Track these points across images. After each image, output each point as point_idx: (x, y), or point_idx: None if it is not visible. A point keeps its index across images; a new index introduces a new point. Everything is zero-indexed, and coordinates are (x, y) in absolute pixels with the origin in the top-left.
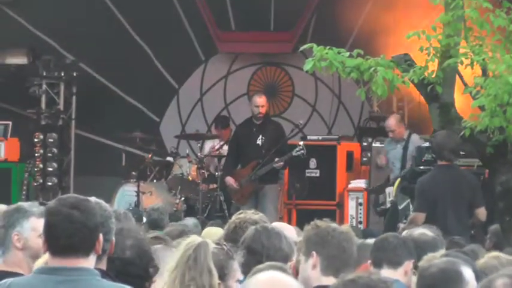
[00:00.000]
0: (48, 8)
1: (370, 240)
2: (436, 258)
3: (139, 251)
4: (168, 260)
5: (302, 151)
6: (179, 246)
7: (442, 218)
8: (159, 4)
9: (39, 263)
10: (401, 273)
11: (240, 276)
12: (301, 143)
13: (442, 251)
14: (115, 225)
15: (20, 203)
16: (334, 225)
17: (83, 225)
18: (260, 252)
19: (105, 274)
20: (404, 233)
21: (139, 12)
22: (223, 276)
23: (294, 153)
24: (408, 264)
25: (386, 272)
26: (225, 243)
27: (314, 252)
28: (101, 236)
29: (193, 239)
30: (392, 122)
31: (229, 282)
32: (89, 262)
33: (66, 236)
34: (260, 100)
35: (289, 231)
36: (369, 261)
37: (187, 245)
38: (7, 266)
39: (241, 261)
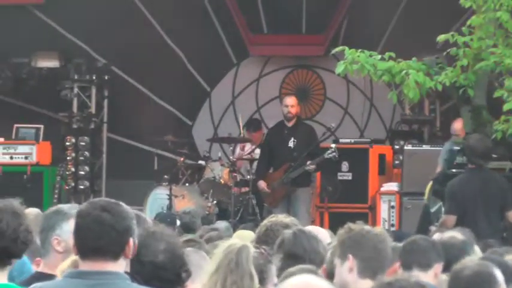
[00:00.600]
0: (80, 10)
1: (402, 243)
2: (471, 261)
3: (172, 256)
4: (201, 263)
5: (334, 153)
6: (217, 249)
7: (473, 220)
8: (191, 7)
9: (64, 265)
10: (431, 276)
11: (276, 281)
12: (333, 145)
13: (474, 255)
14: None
15: (59, 206)
16: (368, 227)
17: (111, 228)
18: (302, 256)
19: (132, 277)
20: (434, 236)
21: (171, 15)
22: (262, 280)
23: (326, 155)
24: (438, 267)
25: (416, 275)
26: (264, 247)
27: (350, 255)
28: (131, 239)
29: (234, 242)
30: (458, 125)
31: (268, 286)
32: (119, 266)
33: (95, 238)
34: (290, 100)
35: (322, 234)
36: (398, 264)
37: (228, 248)
38: (48, 268)
39: (278, 265)
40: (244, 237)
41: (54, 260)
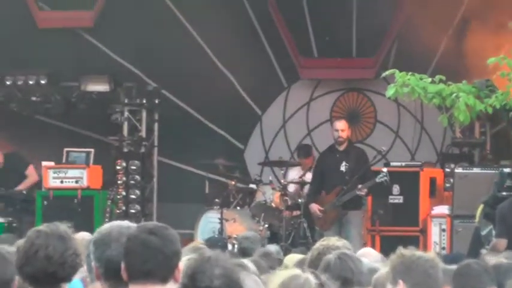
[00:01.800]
0: (130, 34)
1: (452, 266)
2: None
3: (228, 281)
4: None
5: (385, 178)
6: (276, 278)
7: None
8: (242, 31)
9: None
10: None
11: None
12: (384, 169)
13: None
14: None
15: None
16: (419, 252)
17: (159, 251)
18: (351, 279)
19: None
20: (485, 259)
21: (222, 38)
22: None
23: (377, 179)
24: None
25: None
26: (323, 277)
27: (400, 281)
28: (180, 263)
29: (296, 273)
30: None
31: None
32: None
33: (143, 262)
34: (339, 124)
35: (373, 256)
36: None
37: (289, 278)
38: None
39: None
40: (295, 261)
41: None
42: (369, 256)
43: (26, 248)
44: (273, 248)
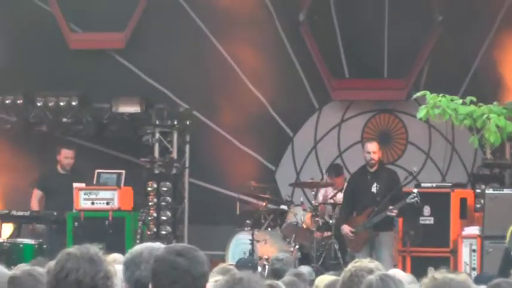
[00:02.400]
0: (161, 55)
1: (482, 287)
2: None
3: None
4: None
5: (416, 198)
6: None
7: None
8: (273, 52)
9: None
10: None
11: None
12: (415, 190)
13: None
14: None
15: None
16: (451, 275)
17: (187, 273)
18: None
19: None
20: None
21: (254, 60)
22: None
23: (408, 200)
24: None
25: None
26: None
27: None
28: (208, 285)
29: None
30: None
31: None
32: None
33: (170, 283)
34: (371, 146)
35: (402, 278)
36: None
37: None
38: None
39: None
40: (326, 283)
41: None
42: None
43: (56, 271)
44: (305, 269)
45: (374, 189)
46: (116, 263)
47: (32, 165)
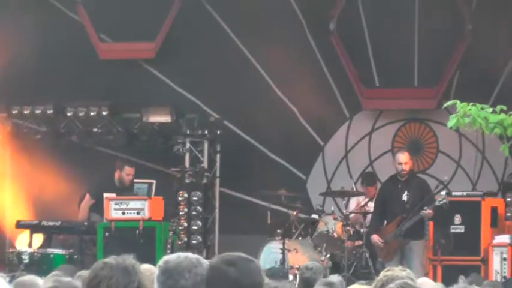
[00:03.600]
0: (191, 65)
1: None
2: None
3: None
4: None
5: (445, 200)
6: None
7: None
8: (304, 61)
9: None
10: None
11: None
12: (443, 193)
13: None
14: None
15: None
16: None
17: (236, 283)
18: None
19: None
20: None
21: (284, 68)
22: None
23: (437, 203)
24: None
25: None
26: None
27: None
28: None
29: None
30: None
31: None
32: None
33: None
34: (403, 157)
35: (430, 286)
36: None
37: None
38: None
39: None
40: None
41: None
42: (426, 286)
43: (89, 278)
44: (335, 278)
45: (405, 197)
46: (150, 273)
47: (61, 176)
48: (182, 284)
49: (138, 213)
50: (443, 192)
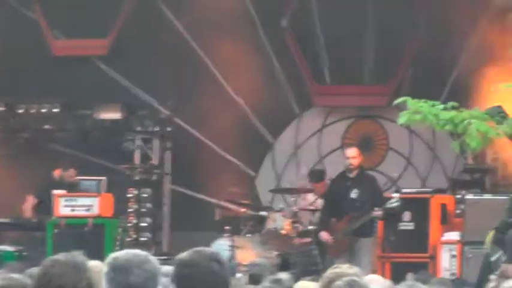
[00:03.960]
0: (143, 62)
1: None
2: None
3: None
4: None
5: (397, 203)
6: None
7: None
8: (255, 58)
9: None
10: None
11: None
12: (396, 194)
13: None
14: None
15: None
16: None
17: (222, 278)
18: None
19: None
20: (490, 285)
21: (234, 65)
22: None
23: (388, 205)
24: None
25: None
26: None
27: None
28: None
29: None
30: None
31: None
32: None
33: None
34: (350, 151)
35: (379, 283)
36: None
37: None
38: None
39: None
40: None
41: None
42: (375, 283)
43: (40, 276)
44: (284, 275)
45: (354, 195)
46: (99, 270)
47: (12, 173)
48: (131, 281)
49: (87, 210)
50: (396, 194)
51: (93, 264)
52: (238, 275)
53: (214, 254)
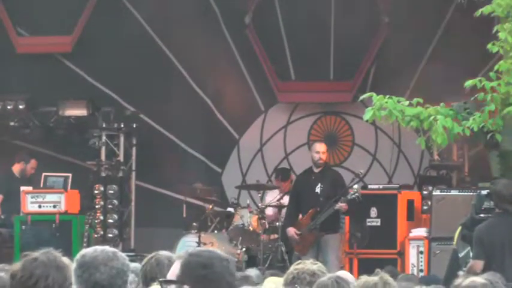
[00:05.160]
0: (108, 59)
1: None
2: None
3: None
4: None
5: (356, 194)
6: None
7: (500, 265)
8: (220, 56)
9: None
10: None
11: None
12: (355, 186)
13: None
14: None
15: None
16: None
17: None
18: None
19: None
20: (457, 281)
21: (200, 62)
22: None
23: (349, 196)
24: None
25: None
26: None
27: None
28: None
29: None
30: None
31: None
32: None
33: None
34: (320, 146)
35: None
36: None
37: None
38: None
39: None
40: (277, 283)
41: None
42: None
43: (24, 277)
44: (253, 272)
45: (318, 189)
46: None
47: None
48: (97, 278)
49: (54, 206)
50: (356, 186)
51: (68, 262)
52: None
53: (222, 254)
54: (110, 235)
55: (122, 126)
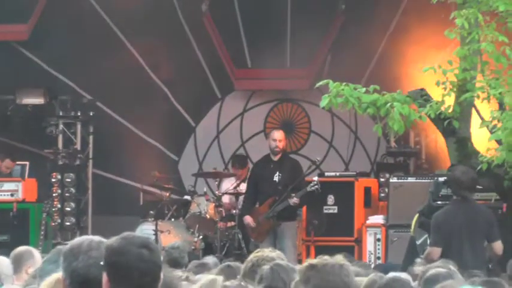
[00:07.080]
0: (64, 47)
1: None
2: None
3: None
4: None
5: (316, 186)
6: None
7: (458, 252)
8: (176, 43)
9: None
10: None
11: None
12: (315, 178)
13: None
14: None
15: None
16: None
17: (154, 264)
18: None
19: None
20: (418, 270)
21: (156, 50)
22: None
23: (308, 188)
24: None
25: None
26: (243, 282)
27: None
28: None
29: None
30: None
31: None
32: None
33: (140, 276)
34: (278, 134)
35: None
36: None
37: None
38: None
39: None
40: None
41: None
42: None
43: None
44: (210, 259)
45: (276, 178)
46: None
47: None
48: (73, 266)
49: (11, 194)
50: (315, 178)
51: (21, 249)
52: (162, 259)
53: (145, 240)
54: (68, 223)
55: (79, 114)
